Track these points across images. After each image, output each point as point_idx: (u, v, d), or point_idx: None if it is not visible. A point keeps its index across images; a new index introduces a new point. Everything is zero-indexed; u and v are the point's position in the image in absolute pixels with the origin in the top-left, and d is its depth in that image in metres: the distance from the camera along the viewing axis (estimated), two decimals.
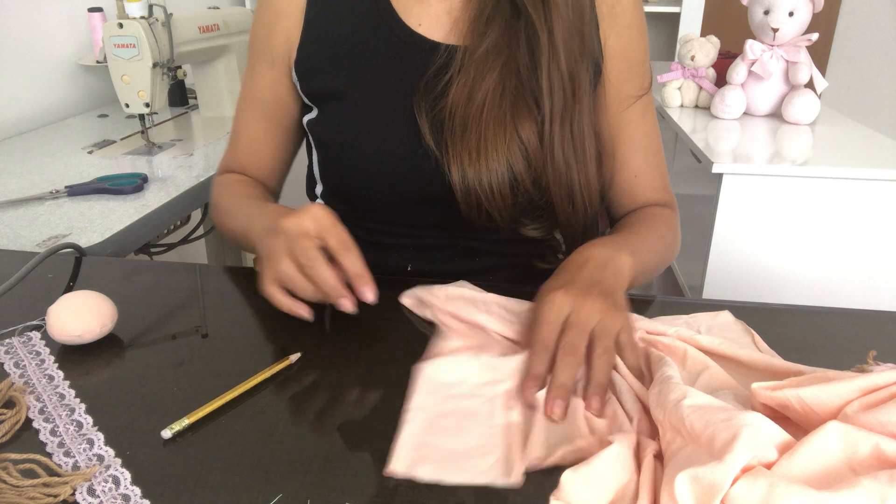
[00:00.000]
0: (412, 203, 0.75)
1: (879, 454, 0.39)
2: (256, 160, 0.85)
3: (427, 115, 0.71)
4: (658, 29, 3.04)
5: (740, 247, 1.50)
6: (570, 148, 0.71)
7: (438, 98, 0.71)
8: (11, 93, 1.53)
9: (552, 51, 0.68)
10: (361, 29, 0.74)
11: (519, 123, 0.69)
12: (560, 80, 0.69)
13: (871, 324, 0.63)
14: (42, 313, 0.60)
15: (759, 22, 1.66)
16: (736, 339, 0.59)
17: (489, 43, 0.69)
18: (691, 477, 0.38)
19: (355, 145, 0.73)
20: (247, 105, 0.83)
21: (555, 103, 0.69)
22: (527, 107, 0.69)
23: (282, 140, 0.84)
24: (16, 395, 0.51)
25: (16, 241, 0.91)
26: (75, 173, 1.20)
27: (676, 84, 1.88)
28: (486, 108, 0.68)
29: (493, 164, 0.68)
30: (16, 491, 0.42)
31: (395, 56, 0.73)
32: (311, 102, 0.78)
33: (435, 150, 0.70)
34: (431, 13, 0.73)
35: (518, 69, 0.69)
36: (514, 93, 0.69)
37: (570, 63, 0.69)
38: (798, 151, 1.51)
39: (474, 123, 0.69)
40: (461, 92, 0.69)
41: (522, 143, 0.69)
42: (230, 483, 0.44)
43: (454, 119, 0.69)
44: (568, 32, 0.69)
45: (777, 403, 0.46)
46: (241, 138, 0.84)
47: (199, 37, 1.45)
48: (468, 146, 0.68)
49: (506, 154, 0.68)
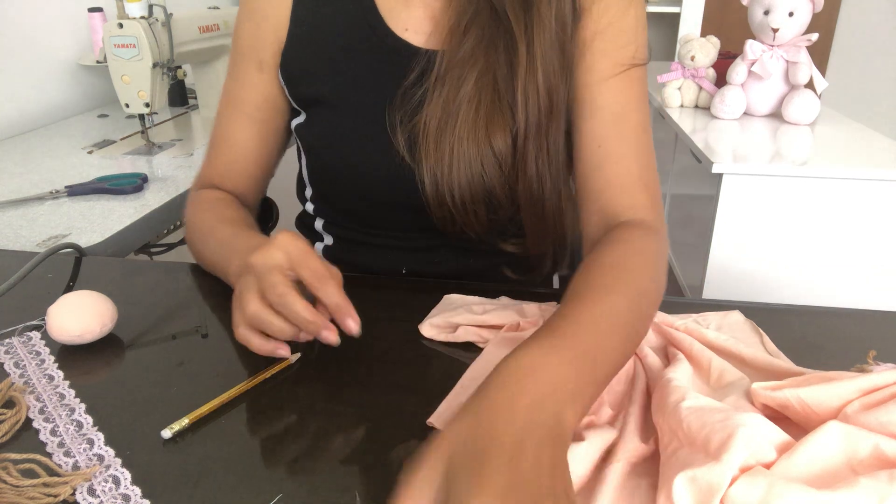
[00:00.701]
0: (399, 209, 0.74)
1: (879, 454, 0.39)
2: (241, 169, 0.79)
3: (403, 127, 0.69)
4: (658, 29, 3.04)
5: (740, 247, 1.50)
6: (545, 164, 0.69)
7: (415, 109, 0.69)
8: (11, 93, 1.53)
9: (530, 63, 0.66)
10: (347, 33, 0.72)
11: (493, 136, 0.67)
12: (536, 94, 0.66)
13: (871, 324, 0.63)
14: (42, 313, 0.60)
15: (759, 22, 1.66)
16: (744, 339, 0.59)
17: (465, 50, 0.67)
18: (689, 478, 0.38)
19: (340, 153, 0.73)
20: (232, 110, 0.78)
21: (529, 117, 0.67)
22: (502, 119, 0.67)
23: (271, 146, 0.80)
24: (16, 395, 0.51)
25: (16, 241, 0.91)
26: (75, 173, 1.20)
27: (676, 84, 1.88)
28: (459, 121, 0.67)
29: (465, 177, 0.67)
30: (16, 491, 0.42)
31: (380, 62, 0.71)
32: (298, 106, 0.77)
33: (410, 162, 0.69)
34: (417, 18, 0.72)
35: (495, 79, 0.67)
36: (489, 105, 0.67)
37: (547, 77, 0.67)
38: (798, 151, 1.51)
39: (448, 136, 0.67)
40: (436, 103, 0.67)
41: (496, 157, 0.67)
42: (230, 483, 0.44)
43: (428, 131, 0.68)
44: (549, 45, 0.66)
45: (777, 403, 0.46)
46: (225, 147, 0.79)
47: (199, 37, 1.45)
48: (441, 160, 0.67)
49: (479, 168, 0.67)
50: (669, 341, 0.57)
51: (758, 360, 0.54)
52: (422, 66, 0.69)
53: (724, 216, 1.47)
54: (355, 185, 0.74)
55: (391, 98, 0.70)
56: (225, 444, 0.47)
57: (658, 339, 0.58)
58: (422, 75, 0.69)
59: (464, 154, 0.67)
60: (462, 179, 0.67)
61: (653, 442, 0.45)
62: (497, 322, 0.60)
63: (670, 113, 1.83)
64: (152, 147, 1.37)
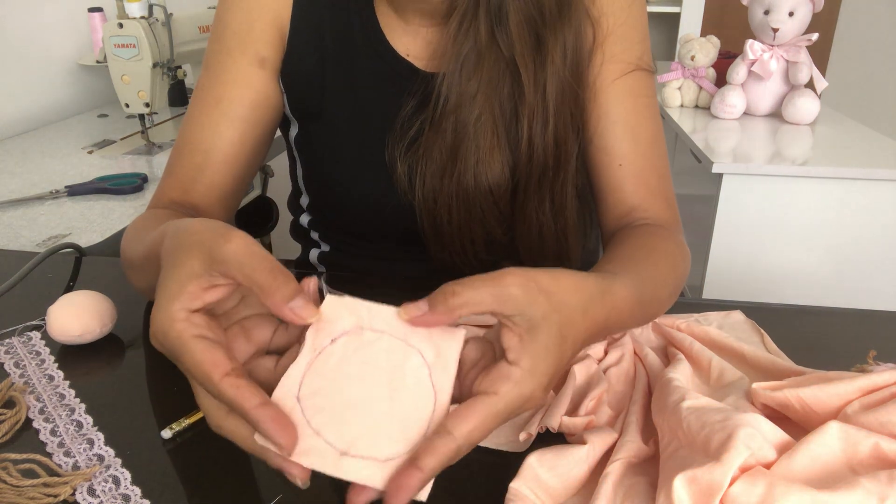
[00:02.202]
0: (397, 231, 0.73)
1: (879, 454, 0.39)
2: (210, 180, 0.67)
3: (402, 158, 0.67)
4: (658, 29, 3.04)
5: (740, 247, 1.50)
6: (548, 216, 0.67)
7: (415, 137, 0.66)
8: (11, 93, 1.53)
9: (540, 113, 0.63)
10: (348, 47, 0.69)
11: (491, 176, 0.64)
12: (542, 143, 0.63)
13: (871, 324, 0.63)
14: (42, 313, 0.60)
15: (759, 22, 1.66)
16: (745, 339, 0.59)
17: (471, 87, 0.63)
18: (689, 478, 0.38)
19: (338, 173, 0.71)
20: (212, 110, 0.67)
21: (532, 170, 0.64)
22: (501, 164, 0.64)
23: (253, 153, 0.71)
24: (16, 395, 0.51)
25: (16, 241, 0.91)
26: (75, 173, 1.20)
27: (676, 84, 1.88)
28: (459, 157, 0.64)
29: (462, 213, 0.65)
30: (16, 491, 0.42)
31: (381, 80, 0.69)
32: (293, 116, 0.73)
33: (408, 191, 0.68)
34: (420, 41, 0.68)
35: (495, 122, 0.64)
36: (488, 151, 0.64)
37: (557, 127, 0.63)
38: (798, 151, 1.51)
39: (446, 180, 0.65)
40: (436, 135, 0.64)
41: (493, 196, 0.65)
42: (230, 483, 0.43)
43: (425, 172, 0.66)
44: (560, 95, 0.63)
45: (777, 403, 0.46)
46: (196, 153, 0.67)
47: (199, 37, 1.45)
48: (440, 205, 0.66)
49: (478, 211, 0.66)
50: (669, 341, 0.57)
51: (758, 360, 0.54)
52: (422, 92, 0.66)
53: (724, 216, 1.47)
54: (353, 201, 0.72)
55: (390, 121, 0.68)
56: (225, 444, 0.47)
57: (658, 339, 0.58)
58: (422, 101, 0.66)
59: (462, 198, 0.65)
60: (460, 216, 0.66)
61: (653, 443, 0.45)
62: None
63: (670, 113, 1.83)
64: (152, 147, 1.37)
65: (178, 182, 0.68)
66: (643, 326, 0.59)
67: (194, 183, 0.67)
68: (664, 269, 0.56)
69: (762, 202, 1.44)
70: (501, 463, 0.45)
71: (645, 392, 0.51)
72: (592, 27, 0.65)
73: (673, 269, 0.57)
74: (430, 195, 0.66)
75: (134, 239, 0.59)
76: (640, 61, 0.67)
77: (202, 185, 0.68)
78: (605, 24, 0.65)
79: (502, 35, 0.62)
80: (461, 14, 0.63)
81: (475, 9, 0.62)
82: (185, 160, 0.68)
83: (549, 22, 0.62)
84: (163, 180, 0.69)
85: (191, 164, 0.68)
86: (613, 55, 0.66)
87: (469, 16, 0.63)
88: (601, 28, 0.65)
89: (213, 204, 0.68)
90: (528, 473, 0.42)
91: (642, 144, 0.66)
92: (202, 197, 0.68)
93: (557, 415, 0.46)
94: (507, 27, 0.62)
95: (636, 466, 0.44)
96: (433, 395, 0.36)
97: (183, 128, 0.70)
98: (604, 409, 0.49)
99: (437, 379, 0.36)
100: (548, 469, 0.42)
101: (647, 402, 0.50)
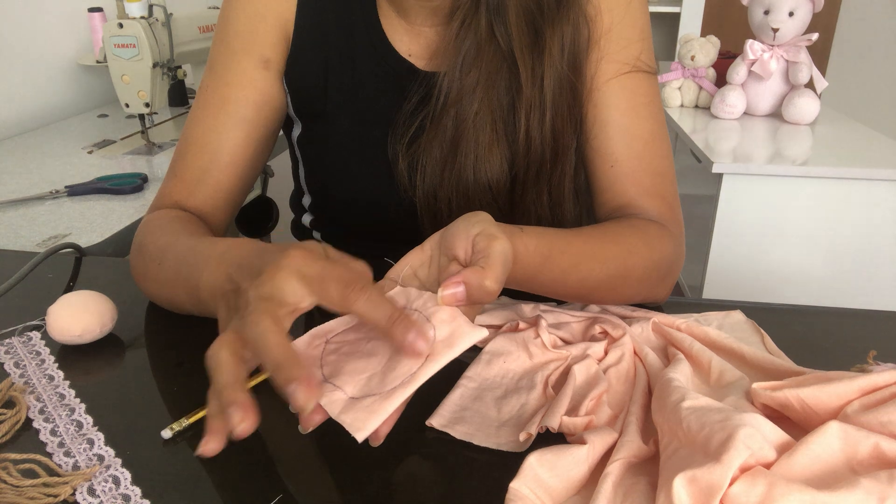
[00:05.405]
0: (402, 231, 0.73)
1: (879, 454, 0.39)
2: (216, 181, 0.68)
3: (404, 154, 0.67)
4: (658, 29, 3.04)
5: (740, 247, 1.50)
6: (545, 209, 0.67)
7: (416, 134, 0.67)
8: (11, 93, 1.53)
9: (537, 107, 0.63)
10: (351, 48, 0.69)
11: (490, 171, 0.65)
12: (540, 136, 0.64)
13: (871, 324, 0.63)
14: (42, 313, 0.60)
15: (759, 22, 1.66)
16: (745, 339, 0.59)
17: (470, 82, 0.64)
18: (689, 478, 0.38)
19: (341, 171, 0.71)
20: (217, 112, 0.68)
21: (530, 162, 0.65)
22: (500, 158, 0.65)
23: (258, 153, 0.71)
24: (16, 395, 0.51)
25: (16, 241, 0.91)
26: (75, 173, 1.20)
27: (676, 84, 1.88)
28: (459, 152, 0.64)
29: (461, 208, 0.65)
30: (16, 491, 0.42)
31: (383, 82, 0.69)
32: (296, 116, 0.73)
33: (409, 189, 0.68)
34: (422, 41, 0.68)
35: (494, 116, 0.64)
36: (487, 146, 0.64)
37: (554, 120, 0.64)
38: (798, 151, 1.51)
39: (446, 175, 0.65)
40: (437, 132, 0.65)
41: (491, 191, 0.66)
42: (230, 483, 0.44)
43: (426, 168, 0.66)
44: (559, 88, 0.63)
45: (777, 403, 0.46)
46: (202, 153, 0.68)
47: (199, 37, 1.45)
48: (440, 200, 0.66)
49: (476, 205, 0.66)
50: (669, 341, 0.57)
51: (758, 360, 0.54)
52: (422, 91, 0.67)
53: (724, 216, 1.47)
54: (355, 201, 0.73)
55: (392, 120, 0.68)
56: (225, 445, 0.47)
57: (658, 339, 0.58)
58: (423, 99, 0.67)
59: (461, 194, 0.66)
60: (460, 212, 0.65)
61: (653, 443, 0.45)
62: (496, 322, 0.60)
63: (670, 113, 1.83)
64: (152, 147, 1.37)
65: (183, 184, 0.68)
66: (643, 326, 0.59)
67: (199, 184, 0.68)
68: (629, 241, 0.60)
69: (762, 202, 1.44)
70: (501, 463, 0.45)
71: (645, 392, 0.51)
72: (589, 23, 0.65)
73: (646, 245, 0.61)
74: (430, 190, 0.67)
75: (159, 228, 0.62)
76: (638, 60, 0.66)
77: (208, 186, 0.68)
78: (603, 20, 0.66)
79: (501, 29, 0.63)
80: (463, 13, 0.64)
81: (476, 6, 0.63)
82: (189, 162, 0.69)
83: (548, 16, 0.63)
84: (166, 182, 0.70)
85: (196, 166, 0.68)
86: (609, 53, 0.66)
87: (470, 13, 0.64)
88: (599, 24, 0.66)
89: (219, 205, 0.69)
90: (528, 473, 0.42)
91: (637, 145, 0.66)
92: (207, 198, 0.68)
93: (557, 415, 0.46)
94: (505, 21, 0.63)
95: (636, 466, 0.44)
96: (422, 361, 0.41)
97: (186, 129, 0.70)
98: (604, 409, 0.49)
99: (436, 349, 0.41)
100: (548, 469, 0.42)
101: (647, 402, 0.50)
